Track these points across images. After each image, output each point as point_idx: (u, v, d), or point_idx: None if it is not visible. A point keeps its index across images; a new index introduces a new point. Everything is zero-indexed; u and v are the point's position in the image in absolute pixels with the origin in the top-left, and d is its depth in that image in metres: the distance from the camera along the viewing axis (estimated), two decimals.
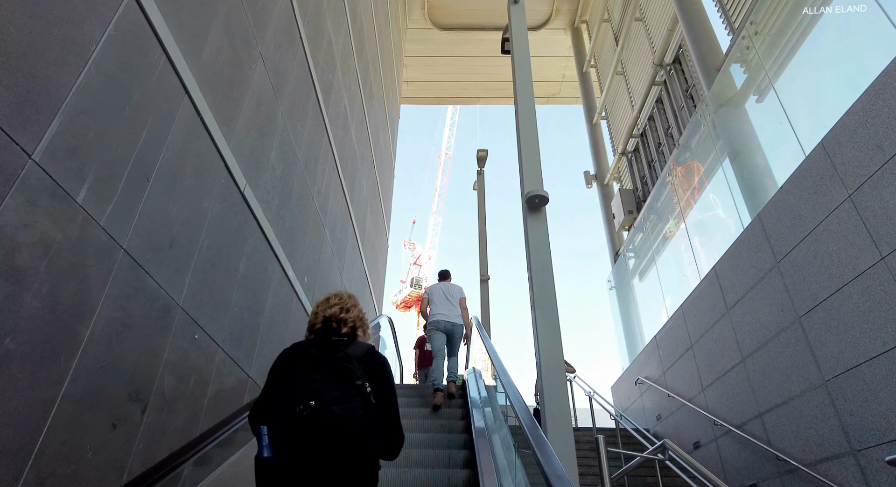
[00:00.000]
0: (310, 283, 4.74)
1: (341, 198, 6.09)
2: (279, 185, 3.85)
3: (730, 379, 5.48)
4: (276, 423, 1.43)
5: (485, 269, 9.47)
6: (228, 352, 2.98)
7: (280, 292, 3.90)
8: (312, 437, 1.38)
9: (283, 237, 3.94)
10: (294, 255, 4.25)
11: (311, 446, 1.38)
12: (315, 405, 1.39)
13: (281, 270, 3.91)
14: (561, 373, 3.11)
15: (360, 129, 7.46)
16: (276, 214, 3.78)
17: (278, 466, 1.38)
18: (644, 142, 10.36)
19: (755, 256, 5.06)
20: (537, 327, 3.33)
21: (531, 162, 4.05)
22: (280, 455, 1.39)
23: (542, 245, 3.70)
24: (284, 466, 1.38)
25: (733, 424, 5.32)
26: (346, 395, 1.45)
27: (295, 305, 4.28)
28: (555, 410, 2.92)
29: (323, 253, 5.21)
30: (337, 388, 1.45)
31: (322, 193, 5.16)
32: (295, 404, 1.41)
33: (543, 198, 3.76)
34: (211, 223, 2.74)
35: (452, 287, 5.89)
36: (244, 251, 3.20)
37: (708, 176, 6.88)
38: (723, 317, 5.68)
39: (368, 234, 8.42)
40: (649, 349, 7.89)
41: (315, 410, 1.39)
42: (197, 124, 2.57)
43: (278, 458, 1.38)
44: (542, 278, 3.54)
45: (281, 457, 1.39)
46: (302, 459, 1.38)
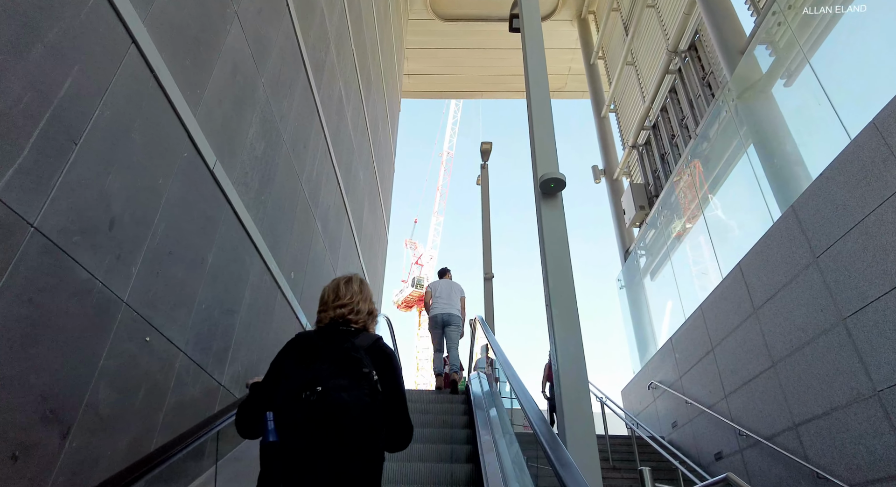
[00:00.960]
0: (298, 278, 4.29)
1: (335, 188, 5.65)
2: (259, 166, 3.41)
3: (758, 386, 5.02)
4: (282, 409, 1.40)
5: (489, 266, 9.03)
6: (193, 357, 2.53)
7: (261, 288, 3.46)
8: (318, 423, 1.35)
9: (264, 226, 3.49)
10: (278, 246, 3.80)
11: (316, 431, 1.35)
12: (322, 391, 1.37)
13: (262, 263, 3.46)
14: (584, 384, 2.66)
15: (356, 116, 7.01)
16: (255, 198, 3.34)
17: (283, 451, 1.35)
18: (656, 134, 9.90)
19: (788, 251, 4.60)
20: (554, 330, 2.88)
21: (545, 142, 3.61)
22: (285, 441, 1.36)
23: (559, 236, 3.25)
24: (289, 451, 1.35)
25: (762, 435, 4.87)
26: (354, 383, 1.42)
27: (279, 303, 3.84)
28: (578, 430, 2.48)
29: (313, 246, 4.76)
30: (344, 376, 1.42)
31: (312, 180, 4.71)
32: (301, 390, 1.38)
33: (560, 182, 3.31)
34: (169, 204, 2.30)
35: (454, 285, 6.47)
36: (214, 239, 2.75)
37: (729, 166, 6.42)
38: (749, 318, 5.22)
39: (366, 229, 7.98)
40: (664, 351, 7.44)
41: (322, 396, 1.36)
42: (149, 83, 2.13)
43: (283, 443, 1.36)
44: (559, 273, 3.09)
45: (286, 442, 1.36)
46: (307, 444, 1.34)
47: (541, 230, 3.33)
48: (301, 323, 4.37)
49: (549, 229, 3.28)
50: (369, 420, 1.40)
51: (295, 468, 1.33)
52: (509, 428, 4.04)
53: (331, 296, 1.70)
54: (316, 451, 1.33)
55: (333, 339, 1.54)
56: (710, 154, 7.15)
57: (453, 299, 6.31)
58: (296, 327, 4.25)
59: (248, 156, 3.23)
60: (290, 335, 3.80)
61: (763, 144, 5.62)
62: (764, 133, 5.67)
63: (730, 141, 6.47)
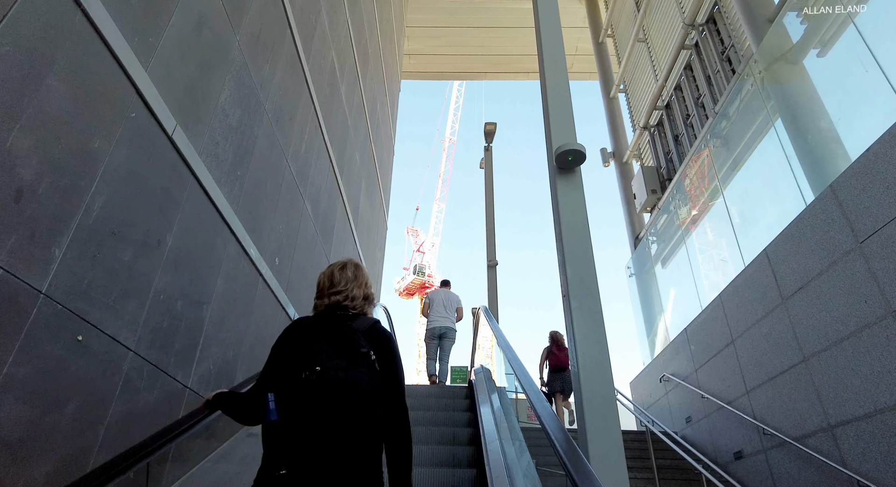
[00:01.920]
0: (283, 266, 3.89)
1: (327, 168, 5.22)
2: (234, 137, 2.98)
3: (785, 382, 4.62)
4: (282, 389, 1.41)
5: (492, 253, 8.63)
6: (147, 356, 2.14)
7: (237, 277, 3.06)
8: (317, 402, 1.37)
9: (240, 205, 3.08)
10: (259, 229, 3.39)
11: (316, 410, 1.36)
12: (321, 371, 1.40)
13: (238, 247, 3.05)
14: (609, 391, 2.26)
15: (351, 92, 6.55)
16: (229, 173, 2.92)
17: (285, 430, 1.35)
18: (669, 114, 9.40)
19: (825, 235, 4.16)
20: (574, 325, 2.48)
21: (561, 110, 3.17)
22: (286, 419, 1.37)
23: (577, 217, 2.83)
24: (290, 430, 1.35)
25: (790, 435, 4.48)
26: (352, 363, 1.44)
27: (261, 293, 3.44)
28: (603, 445, 2.08)
29: (302, 230, 4.35)
30: (342, 357, 1.45)
31: (300, 157, 4.28)
32: (301, 371, 1.40)
33: (578, 154, 2.88)
34: (111, 174, 1.88)
35: (451, 296, 6.98)
36: (174, 219, 2.34)
37: (752, 145, 5.96)
38: (776, 308, 4.81)
39: (363, 214, 7.56)
40: (678, 343, 7.04)
41: (320, 375, 1.39)
42: (74, 16, 1.70)
43: (284, 422, 1.36)
44: (579, 259, 2.68)
45: (287, 422, 1.36)
46: (308, 423, 1.35)
47: (556, 211, 2.91)
48: (288, 315, 3.97)
49: (566, 209, 2.87)
50: (367, 400, 1.41)
51: (296, 446, 1.33)
52: (516, 427, 3.68)
53: (326, 283, 1.70)
54: (316, 430, 1.34)
55: (331, 323, 1.56)
56: (731, 133, 6.68)
57: (449, 311, 6.84)
58: (282, 319, 3.86)
59: (220, 124, 2.80)
60: (273, 329, 3.42)
61: (794, 121, 5.16)
62: (795, 108, 5.21)
63: (754, 118, 5.99)
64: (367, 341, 1.51)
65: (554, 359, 6.88)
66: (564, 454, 1.76)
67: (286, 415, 1.37)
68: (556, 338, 7.08)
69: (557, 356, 6.88)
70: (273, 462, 1.32)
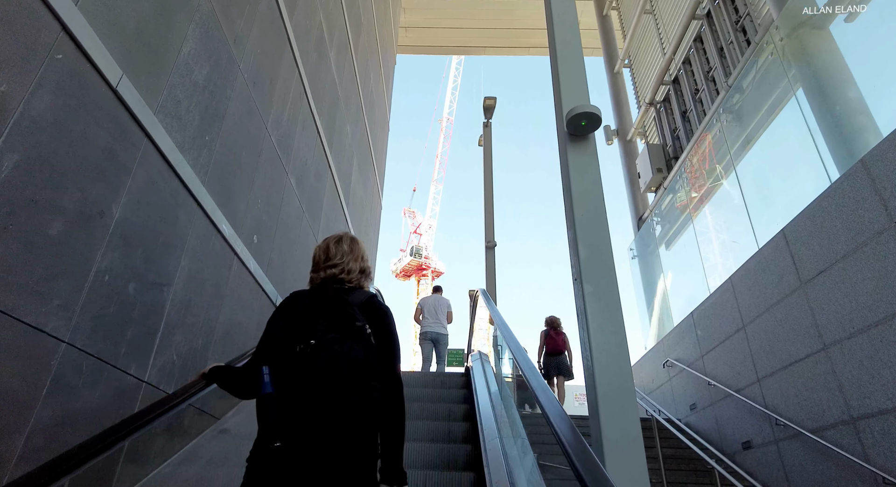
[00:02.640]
0: (263, 245, 3.55)
1: (314, 140, 4.84)
2: (201, 96, 2.61)
3: (802, 370, 4.35)
4: (277, 362, 1.40)
5: (491, 234, 8.30)
6: (87, 348, 1.81)
7: (206, 255, 2.72)
8: (312, 375, 1.34)
9: (209, 175, 2.72)
10: (233, 203, 3.04)
11: (310, 383, 1.34)
12: (315, 344, 1.38)
13: (207, 222, 2.71)
14: (629, 386, 1.95)
15: (342, 60, 6.12)
16: (194, 138, 2.56)
17: (279, 402, 1.34)
18: (677, 89, 8.99)
19: (853, 214, 3.84)
20: (587, 311, 2.16)
21: (571, 69, 2.81)
22: (281, 392, 1.36)
23: (591, 190, 2.49)
24: (285, 403, 1.34)
25: (806, 427, 4.23)
26: (347, 337, 1.42)
27: (236, 273, 3.11)
28: (621, 452, 1.78)
29: (285, 206, 4.00)
30: (337, 331, 1.42)
31: (282, 126, 3.91)
32: (295, 344, 1.39)
33: (593, 118, 2.53)
34: (27, 125, 1.53)
35: (441, 301, 7.32)
36: (122, 187, 1.99)
37: (769, 119, 5.59)
38: (794, 293, 4.51)
39: (355, 192, 7.19)
40: (683, 327, 6.77)
41: (315, 348, 1.37)
42: None
43: (279, 395, 1.35)
44: (593, 238, 2.35)
45: (281, 394, 1.35)
46: (302, 396, 1.33)
47: (567, 184, 2.57)
48: (269, 298, 3.65)
49: (578, 182, 2.52)
50: (362, 373, 1.40)
51: (291, 419, 1.32)
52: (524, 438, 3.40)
53: (321, 256, 1.67)
54: (311, 403, 1.33)
55: (327, 296, 1.53)
56: (744, 108, 6.30)
57: (440, 316, 7.14)
58: (262, 303, 3.53)
59: (182, 80, 2.43)
60: (251, 313, 3.08)
61: (818, 92, 4.79)
62: (820, 78, 4.83)
63: (771, 90, 5.62)
64: (363, 314, 1.49)
65: (551, 343, 7.09)
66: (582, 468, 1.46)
67: (281, 388, 1.36)
68: (553, 323, 7.28)
69: (554, 339, 7.11)
70: (268, 435, 1.31)
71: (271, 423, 1.32)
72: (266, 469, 1.29)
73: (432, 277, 52.31)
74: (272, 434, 1.30)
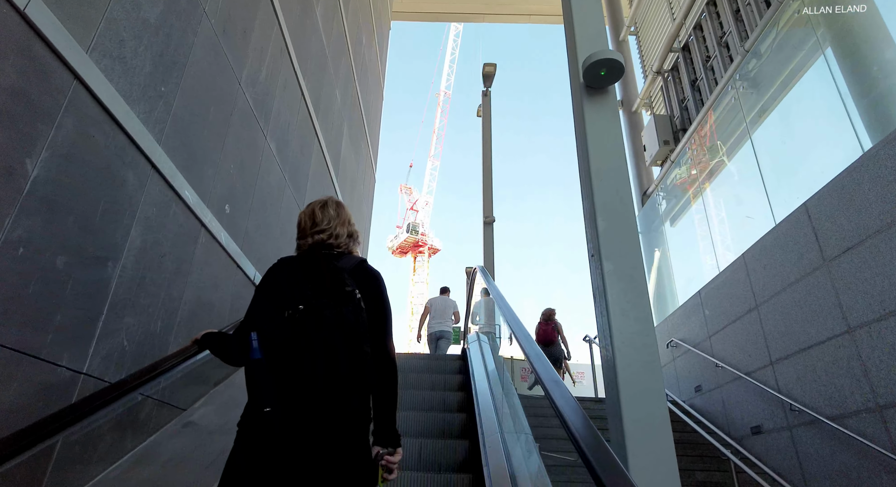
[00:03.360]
0: (237, 215, 3.18)
1: (298, 102, 4.42)
2: (152, 37, 2.21)
3: (822, 354, 4.07)
4: (266, 328, 1.37)
5: (489, 209, 7.96)
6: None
7: (164, 226, 2.35)
8: (301, 340, 1.33)
9: (166, 132, 2.34)
10: (198, 167, 2.66)
11: (300, 348, 1.32)
12: (304, 309, 1.36)
13: (165, 187, 2.34)
14: (658, 385, 1.63)
15: (330, 17, 5.64)
16: (145, 87, 2.16)
17: (268, 367, 1.32)
18: (687, 57, 8.52)
19: (890, 186, 3.50)
20: (606, 293, 1.82)
21: (587, 8, 2.40)
22: (269, 358, 1.33)
23: (611, 151, 2.14)
24: (274, 369, 1.32)
25: (825, 414, 3.97)
26: (337, 302, 1.39)
27: (203, 246, 2.75)
28: (648, 454, 1.47)
29: (264, 174, 3.61)
30: (327, 296, 1.40)
31: (260, 83, 3.50)
32: (284, 309, 1.37)
33: (613, 66, 2.15)
34: None
35: (448, 302, 7.72)
36: (43, 137, 1.61)
37: (789, 85, 5.19)
38: (816, 271, 4.20)
39: (347, 164, 6.78)
40: (689, 306, 6.49)
41: (304, 314, 1.35)
42: None
43: (268, 361, 1.32)
44: (613, 207, 2.01)
45: (270, 360, 1.33)
46: (291, 361, 1.32)
47: (583, 145, 2.20)
48: (246, 274, 3.30)
49: (597, 142, 2.16)
50: (352, 338, 1.37)
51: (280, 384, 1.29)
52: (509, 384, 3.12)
53: (308, 222, 1.63)
54: (300, 367, 1.31)
55: (315, 261, 1.49)
56: (762, 73, 5.88)
57: (447, 315, 7.52)
58: (238, 279, 3.19)
59: (127, 15, 2.03)
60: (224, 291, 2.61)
61: (850, 54, 4.38)
62: (852, 37, 4.41)
63: (794, 52, 5.20)
64: (353, 279, 1.46)
65: (541, 334, 7.55)
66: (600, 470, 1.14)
67: (269, 354, 1.34)
68: (547, 314, 7.74)
69: (545, 330, 7.59)
70: (258, 400, 1.29)
71: (261, 389, 1.29)
72: (256, 433, 1.27)
73: (429, 254, 52.07)
74: (262, 399, 1.27)
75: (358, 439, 1.32)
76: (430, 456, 2.68)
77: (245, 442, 1.28)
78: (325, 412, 1.28)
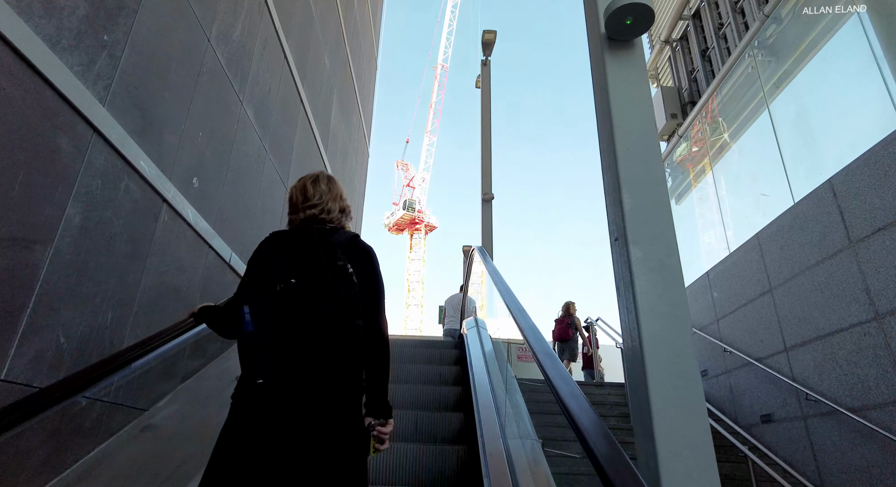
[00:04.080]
0: (208, 189, 2.83)
1: (280, 65, 4.02)
2: None
3: (844, 342, 3.81)
4: (257, 301, 1.37)
5: (488, 186, 7.60)
6: None
7: (112, 200, 2.01)
8: (292, 313, 1.34)
9: (112, 89, 1.97)
10: (156, 133, 2.30)
11: (291, 321, 1.33)
12: (295, 282, 1.36)
13: (112, 155, 1.98)
14: (699, 405, 1.33)
15: None
16: (79, 32, 1.79)
17: (260, 340, 1.33)
18: (697, 25, 8.06)
19: None
20: (634, 284, 1.51)
21: None
22: (261, 331, 1.34)
23: (640, 115, 1.80)
24: (266, 342, 1.32)
25: (846, 405, 3.74)
26: (328, 276, 1.39)
27: (165, 225, 2.41)
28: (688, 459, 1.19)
29: (239, 143, 3.25)
30: (318, 270, 1.40)
31: (234, 40, 3.10)
32: (276, 283, 1.37)
33: (641, 13, 1.81)
34: None
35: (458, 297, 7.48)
36: None
37: (814, 49, 4.80)
38: (840, 253, 3.91)
39: (337, 135, 6.38)
40: (696, 288, 6.23)
41: (296, 287, 1.36)
42: None
43: (260, 334, 1.33)
44: (642, 181, 1.69)
45: (262, 333, 1.34)
46: (283, 334, 1.32)
47: (604, 107, 1.86)
48: (220, 256, 2.98)
49: (621, 104, 1.82)
50: (344, 311, 1.37)
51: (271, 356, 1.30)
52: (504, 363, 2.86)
53: (299, 197, 1.60)
54: (291, 340, 1.31)
55: (307, 236, 1.49)
56: (782, 40, 5.48)
57: (457, 312, 7.33)
58: (209, 261, 2.87)
59: None
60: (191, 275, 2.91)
61: (889, 15, 3.99)
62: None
63: (819, 17, 4.79)
64: (345, 254, 1.45)
65: (557, 331, 7.73)
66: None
67: (261, 326, 1.34)
68: (564, 308, 7.89)
69: (560, 327, 7.73)
70: (250, 373, 1.31)
71: (253, 362, 1.31)
72: (249, 405, 1.28)
73: (425, 231, 51.70)
74: (254, 371, 1.29)
75: (349, 410, 1.33)
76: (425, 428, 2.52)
77: (238, 414, 1.30)
78: (316, 384, 1.28)
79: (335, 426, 1.29)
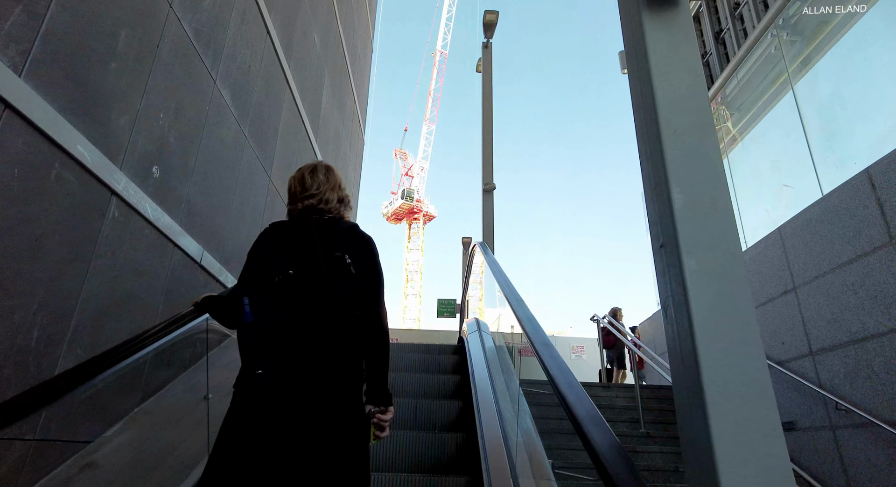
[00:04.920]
0: (173, 179, 2.46)
1: (262, 40, 3.62)
2: None
3: (882, 348, 3.49)
4: (256, 292, 1.40)
5: (489, 175, 7.27)
6: None
7: (42, 194, 1.65)
8: (291, 303, 1.35)
9: (33, 55, 1.59)
10: (99, 109, 1.93)
11: (290, 312, 1.35)
12: (294, 273, 1.38)
13: (39, 138, 1.62)
14: (782, 461, 1.00)
15: None
16: None
17: (259, 331, 1.36)
18: (711, 5, 7.65)
19: None
20: (688, 304, 1.15)
21: None
22: (260, 322, 1.36)
23: (690, 88, 1.39)
24: (265, 332, 1.35)
25: (884, 418, 3.42)
26: (327, 266, 1.40)
27: (115, 222, 2.05)
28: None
29: (212, 126, 2.87)
30: (317, 261, 1.41)
31: (203, 8, 2.71)
32: (274, 274, 1.39)
33: None
34: None
35: None
36: None
37: (847, 25, 4.41)
38: (878, 250, 3.57)
39: (328, 120, 5.99)
40: None
41: (294, 278, 1.38)
42: None
43: (259, 324, 1.36)
44: (696, 170, 1.29)
45: (261, 324, 1.36)
46: (281, 325, 1.35)
47: (644, 82, 1.42)
48: (188, 255, 2.62)
49: (665, 76, 1.40)
50: (342, 301, 1.38)
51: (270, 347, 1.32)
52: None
53: (297, 188, 1.60)
54: (289, 331, 1.33)
55: (306, 227, 1.50)
56: (809, 17, 5.08)
57: None
58: (176, 261, 2.51)
59: None
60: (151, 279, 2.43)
61: None
62: None
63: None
64: (344, 244, 1.46)
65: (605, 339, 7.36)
66: None
67: (260, 317, 1.36)
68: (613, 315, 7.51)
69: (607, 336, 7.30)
70: (250, 363, 1.33)
71: (253, 352, 1.33)
72: (251, 394, 1.29)
73: (424, 221, 51.28)
74: (254, 362, 1.31)
75: (349, 398, 1.34)
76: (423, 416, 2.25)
77: (239, 404, 1.31)
78: (315, 374, 1.30)
79: (335, 413, 1.30)
